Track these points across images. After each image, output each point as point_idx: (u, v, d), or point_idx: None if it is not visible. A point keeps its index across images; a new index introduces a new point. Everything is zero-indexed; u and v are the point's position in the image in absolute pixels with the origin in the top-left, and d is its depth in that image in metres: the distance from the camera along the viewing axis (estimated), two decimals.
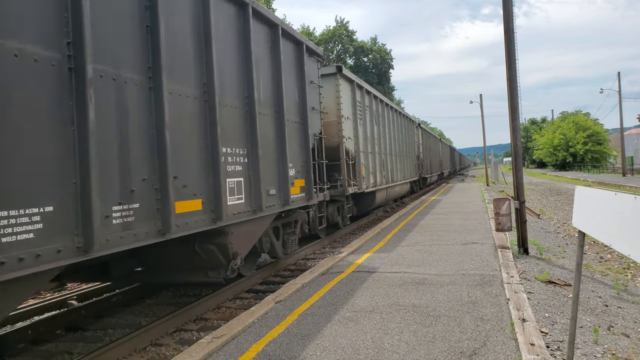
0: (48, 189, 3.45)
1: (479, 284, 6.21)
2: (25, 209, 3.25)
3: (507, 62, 8.71)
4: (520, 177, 8.76)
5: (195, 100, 5.29)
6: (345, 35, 57.91)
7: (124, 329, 5.83)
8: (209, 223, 5.43)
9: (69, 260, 3.57)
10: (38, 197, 3.36)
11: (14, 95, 3.25)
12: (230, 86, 6.11)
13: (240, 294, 7.31)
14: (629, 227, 2.81)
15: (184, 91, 5.07)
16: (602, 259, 9.32)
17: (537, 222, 13.76)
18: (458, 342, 4.28)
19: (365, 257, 8.32)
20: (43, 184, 3.42)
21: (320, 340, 4.51)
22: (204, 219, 5.32)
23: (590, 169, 57.10)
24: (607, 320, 5.24)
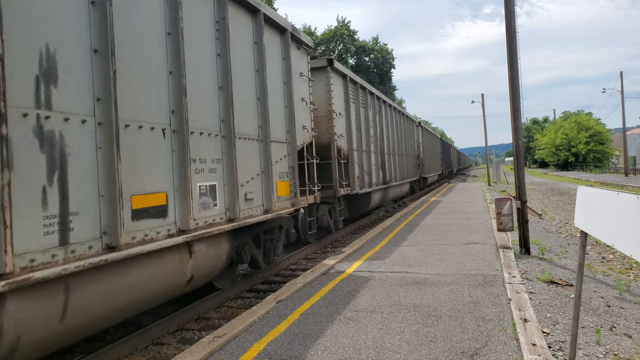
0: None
1: (480, 284, 6.20)
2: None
3: (509, 61, 8.69)
4: (522, 177, 8.74)
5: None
6: (346, 35, 57.87)
7: (125, 327, 5.83)
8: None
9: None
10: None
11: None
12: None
13: (241, 293, 7.31)
14: (632, 227, 2.80)
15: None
16: (605, 259, 9.30)
17: (539, 222, 13.73)
18: (459, 342, 4.27)
19: (358, 265, 8.32)
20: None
21: (321, 339, 4.51)
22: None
23: (593, 169, 56.96)
24: (610, 320, 5.23)
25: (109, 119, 4.18)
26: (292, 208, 8.05)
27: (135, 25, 4.66)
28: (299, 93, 8.70)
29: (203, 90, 5.74)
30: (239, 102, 6.41)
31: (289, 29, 8.20)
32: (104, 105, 4.17)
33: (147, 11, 4.86)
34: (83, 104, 4.01)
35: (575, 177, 41.88)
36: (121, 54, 4.38)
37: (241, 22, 6.77)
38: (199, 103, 5.58)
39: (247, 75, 6.81)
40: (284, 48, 8.18)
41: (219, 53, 6.10)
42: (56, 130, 3.73)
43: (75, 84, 3.94)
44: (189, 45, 5.34)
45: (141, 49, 4.73)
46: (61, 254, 3.67)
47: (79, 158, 3.91)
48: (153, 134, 4.78)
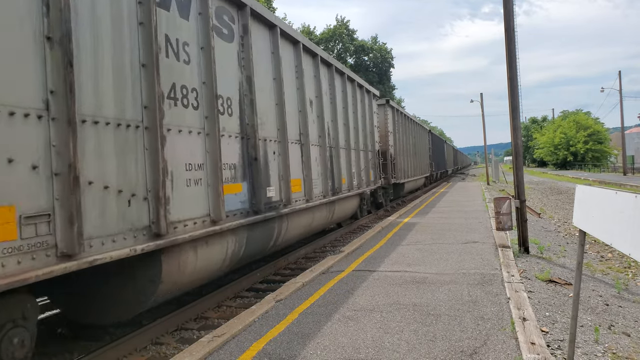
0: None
1: (479, 283, 6.21)
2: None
3: (508, 60, 8.69)
4: (521, 176, 8.75)
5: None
6: (345, 34, 57.85)
7: (124, 327, 5.82)
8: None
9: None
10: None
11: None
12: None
13: (240, 293, 7.31)
14: (630, 226, 2.80)
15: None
16: (603, 258, 9.31)
17: (538, 221, 13.75)
18: (458, 341, 4.28)
19: (357, 264, 8.33)
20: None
21: (320, 339, 4.51)
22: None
23: (591, 168, 57.04)
24: (608, 319, 5.24)
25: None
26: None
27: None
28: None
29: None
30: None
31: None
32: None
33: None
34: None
35: (573, 176, 41.94)
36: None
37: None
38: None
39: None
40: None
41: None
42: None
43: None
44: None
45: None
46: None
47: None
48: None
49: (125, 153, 4.50)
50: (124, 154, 4.49)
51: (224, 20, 6.48)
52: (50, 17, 3.81)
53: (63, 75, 3.83)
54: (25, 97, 3.59)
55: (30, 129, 3.59)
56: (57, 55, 3.83)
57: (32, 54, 3.67)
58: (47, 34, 3.80)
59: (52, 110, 3.77)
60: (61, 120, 3.80)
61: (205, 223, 5.56)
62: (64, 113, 3.81)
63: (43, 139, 3.68)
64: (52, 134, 3.74)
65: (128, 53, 4.67)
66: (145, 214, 4.65)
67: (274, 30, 8.03)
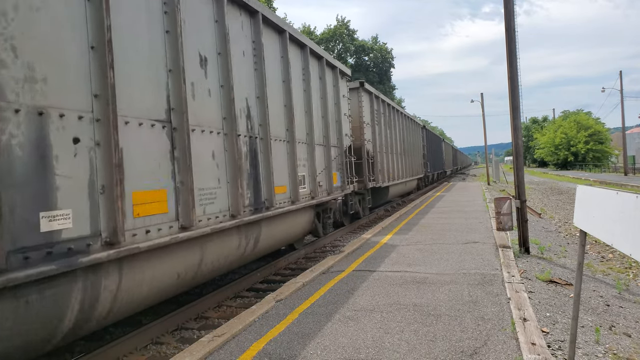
0: None
1: (479, 283, 6.20)
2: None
3: (508, 60, 8.68)
4: (522, 176, 8.74)
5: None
6: (346, 34, 57.87)
7: (124, 327, 5.82)
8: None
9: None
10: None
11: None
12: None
13: (240, 293, 7.31)
14: (631, 226, 2.80)
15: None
16: (604, 259, 9.30)
17: (539, 221, 13.74)
18: (459, 342, 4.27)
19: (357, 264, 8.32)
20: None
21: (320, 339, 4.51)
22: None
23: (592, 168, 56.99)
24: (609, 319, 5.23)
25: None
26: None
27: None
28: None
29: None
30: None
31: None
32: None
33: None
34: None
35: (574, 176, 41.90)
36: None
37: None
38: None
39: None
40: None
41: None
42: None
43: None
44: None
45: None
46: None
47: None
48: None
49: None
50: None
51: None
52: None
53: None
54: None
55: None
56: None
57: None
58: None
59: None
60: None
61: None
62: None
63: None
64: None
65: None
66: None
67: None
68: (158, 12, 5.15)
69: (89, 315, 4.14)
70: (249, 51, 7.16)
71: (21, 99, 3.57)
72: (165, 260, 5.01)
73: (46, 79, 3.76)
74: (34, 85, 3.67)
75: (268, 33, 7.88)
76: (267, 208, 7.27)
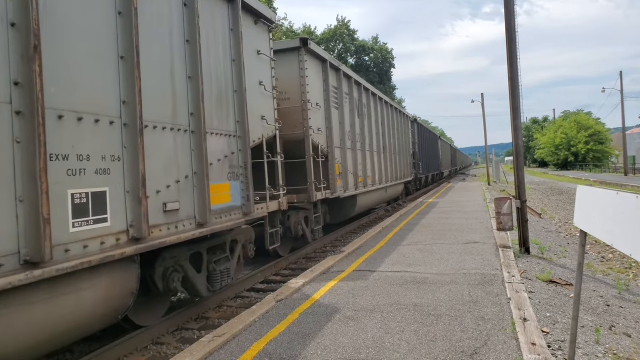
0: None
1: (480, 283, 6.20)
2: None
3: (509, 60, 8.69)
4: (522, 176, 8.74)
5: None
6: (346, 34, 57.86)
7: (124, 327, 5.82)
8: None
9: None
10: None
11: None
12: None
13: (241, 293, 7.31)
14: (631, 226, 2.80)
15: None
16: (604, 259, 9.30)
17: (539, 221, 13.74)
18: (459, 342, 4.28)
19: (357, 264, 8.31)
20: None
21: (321, 339, 4.51)
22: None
23: (592, 168, 56.98)
24: (609, 319, 5.23)
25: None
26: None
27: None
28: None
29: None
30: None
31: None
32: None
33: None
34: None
35: (574, 176, 41.89)
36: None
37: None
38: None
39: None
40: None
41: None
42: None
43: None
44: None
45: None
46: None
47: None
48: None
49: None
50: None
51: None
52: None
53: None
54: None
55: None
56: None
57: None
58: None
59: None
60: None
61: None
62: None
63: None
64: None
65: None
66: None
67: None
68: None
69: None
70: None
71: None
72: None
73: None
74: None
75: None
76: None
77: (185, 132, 5.31)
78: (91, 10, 4.14)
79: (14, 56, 3.45)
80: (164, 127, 4.96)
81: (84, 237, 3.88)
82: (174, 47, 5.22)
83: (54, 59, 3.75)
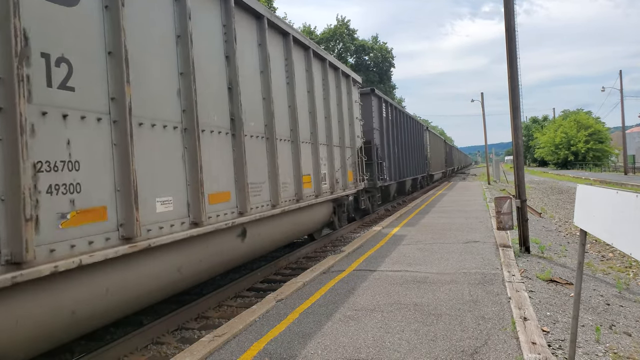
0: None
1: (480, 282, 6.20)
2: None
3: (509, 60, 8.68)
4: (522, 176, 8.74)
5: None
6: (346, 34, 57.85)
7: (125, 327, 5.83)
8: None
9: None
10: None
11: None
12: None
13: (241, 293, 7.32)
14: (631, 225, 2.80)
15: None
16: (604, 258, 9.30)
17: (539, 220, 13.74)
18: (459, 341, 4.28)
19: (358, 264, 8.32)
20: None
21: (321, 338, 4.51)
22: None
23: (592, 168, 56.99)
24: (609, 319, 5.23)
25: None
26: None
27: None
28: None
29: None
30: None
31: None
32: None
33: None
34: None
35: (574, 175, 41.90)
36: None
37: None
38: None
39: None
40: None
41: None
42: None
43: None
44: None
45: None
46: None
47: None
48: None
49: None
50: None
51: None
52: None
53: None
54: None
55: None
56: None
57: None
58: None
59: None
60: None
61: None
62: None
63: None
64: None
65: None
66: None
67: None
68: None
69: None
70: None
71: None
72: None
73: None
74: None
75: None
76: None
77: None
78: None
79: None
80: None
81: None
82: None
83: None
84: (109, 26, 4.39)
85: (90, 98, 4.14)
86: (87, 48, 4.14)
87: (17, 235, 3.36)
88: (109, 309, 4.40)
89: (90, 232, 4.00)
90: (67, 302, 3.91)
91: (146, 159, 4.71)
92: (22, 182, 3.39)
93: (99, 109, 4.23)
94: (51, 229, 3.66)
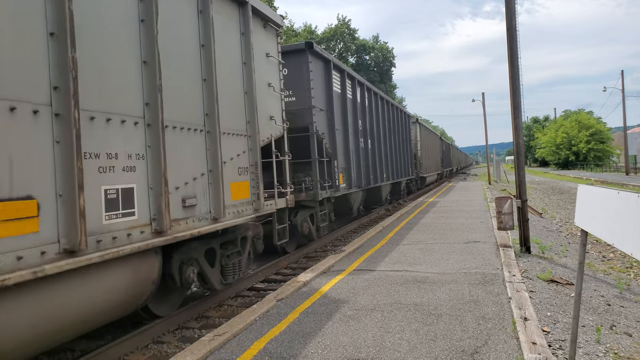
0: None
1: (480, 282, 6.20)
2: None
3: (510, 60, 8.67)
4: (523, 176, 8.73)
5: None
6: (347, 33, 57.82)
7: (125, 326, 5.83)
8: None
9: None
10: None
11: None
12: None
13: (241, 292, 7.32)
14: (632, 225, 2.79)
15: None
16: (605, 258, 9.29)
17: (540, 220, 13.73)
18: (459, 341, 4.27)
19: (358, 263, 8.31)
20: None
21: (321, 338, 4.51)
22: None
23: (593, 168, 56.92)
24: (610, 319, 5.23)
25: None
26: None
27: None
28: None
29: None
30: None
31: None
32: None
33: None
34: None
35: (575, 175, 41.86)
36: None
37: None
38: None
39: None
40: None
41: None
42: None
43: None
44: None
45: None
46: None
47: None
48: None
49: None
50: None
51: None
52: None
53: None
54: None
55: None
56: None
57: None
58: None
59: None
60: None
61: None
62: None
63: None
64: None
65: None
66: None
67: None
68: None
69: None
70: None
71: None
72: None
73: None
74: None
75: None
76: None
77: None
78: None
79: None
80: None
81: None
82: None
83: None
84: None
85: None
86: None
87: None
88: None
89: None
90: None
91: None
92: None
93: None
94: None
